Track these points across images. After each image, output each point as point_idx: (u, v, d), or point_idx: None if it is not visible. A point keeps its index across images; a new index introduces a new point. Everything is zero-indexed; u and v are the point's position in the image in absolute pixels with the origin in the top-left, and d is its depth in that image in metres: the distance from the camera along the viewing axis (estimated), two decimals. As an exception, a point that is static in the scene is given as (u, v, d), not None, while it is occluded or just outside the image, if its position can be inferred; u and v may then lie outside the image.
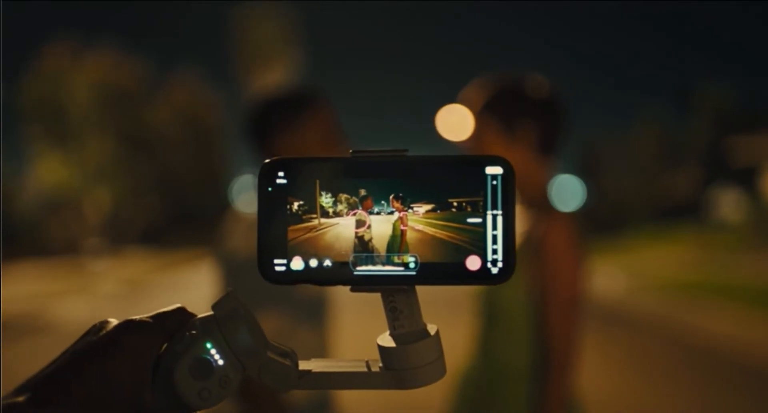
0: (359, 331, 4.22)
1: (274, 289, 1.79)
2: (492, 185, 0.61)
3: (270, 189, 0.62)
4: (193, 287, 11.85)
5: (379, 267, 0.62)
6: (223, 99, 42.21)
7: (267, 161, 0.62)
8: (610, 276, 14.44)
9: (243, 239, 1.90)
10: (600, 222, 27.48)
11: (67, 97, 27.57)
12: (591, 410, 2.13)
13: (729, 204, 29.76)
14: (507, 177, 0.61)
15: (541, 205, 1.99)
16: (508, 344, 2.00)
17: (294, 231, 0.62)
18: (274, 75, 33.64)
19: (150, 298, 13.21)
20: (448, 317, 3.32)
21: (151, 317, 0.59)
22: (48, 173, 27.25)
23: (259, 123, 2.05)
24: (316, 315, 1.97)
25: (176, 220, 33.52)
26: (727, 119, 32.09)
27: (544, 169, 2.09)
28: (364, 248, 0.62)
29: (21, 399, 0.53)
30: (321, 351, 1.98)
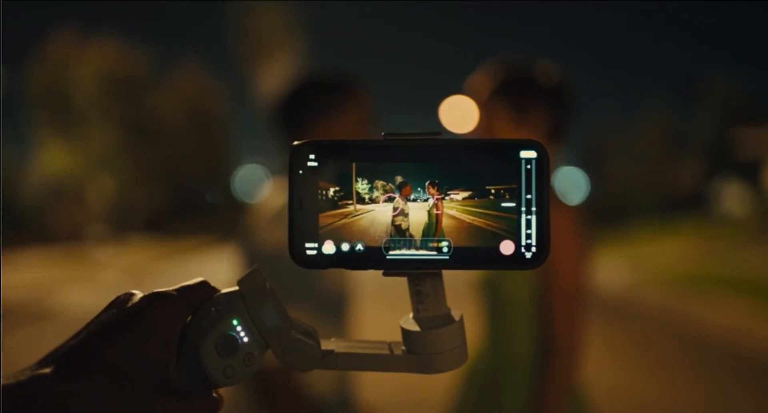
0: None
1: (297, 284, 1.75)
2: (526, 169, 0.60)
3: (301, 172, 0.61)
4: (198, 276, 11.85)
5: (412, 251, 0.61)
6: (227, 88, 42.14)
7: (297, 143, 0.61)
8: (615, 268, 14.43)
9: (268, 232, 1.81)
10: (604, 214, 27.45)
11: (71, 85, 27.57)
12: (597, 401, 2.12)
13: (733, 197, 29.71)
14: (541, 162, 0.60)
15: None
16: (514, 334, 2.00)
17: (328, 217, 0.61)
18: (278, 65, 33.56)
19: (153, 286, 13.21)
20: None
21: (176, 290, 0.59)
22: (52, 160, 27.28)
23: (292, 107, 1.89)
24: (338, 312, 1.90)
25: (179, 208, 33.57)
26: (733, 111, 31.95)
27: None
28: (400, 235, 0.61)
29: (46, 371, 0.52)
30: None
